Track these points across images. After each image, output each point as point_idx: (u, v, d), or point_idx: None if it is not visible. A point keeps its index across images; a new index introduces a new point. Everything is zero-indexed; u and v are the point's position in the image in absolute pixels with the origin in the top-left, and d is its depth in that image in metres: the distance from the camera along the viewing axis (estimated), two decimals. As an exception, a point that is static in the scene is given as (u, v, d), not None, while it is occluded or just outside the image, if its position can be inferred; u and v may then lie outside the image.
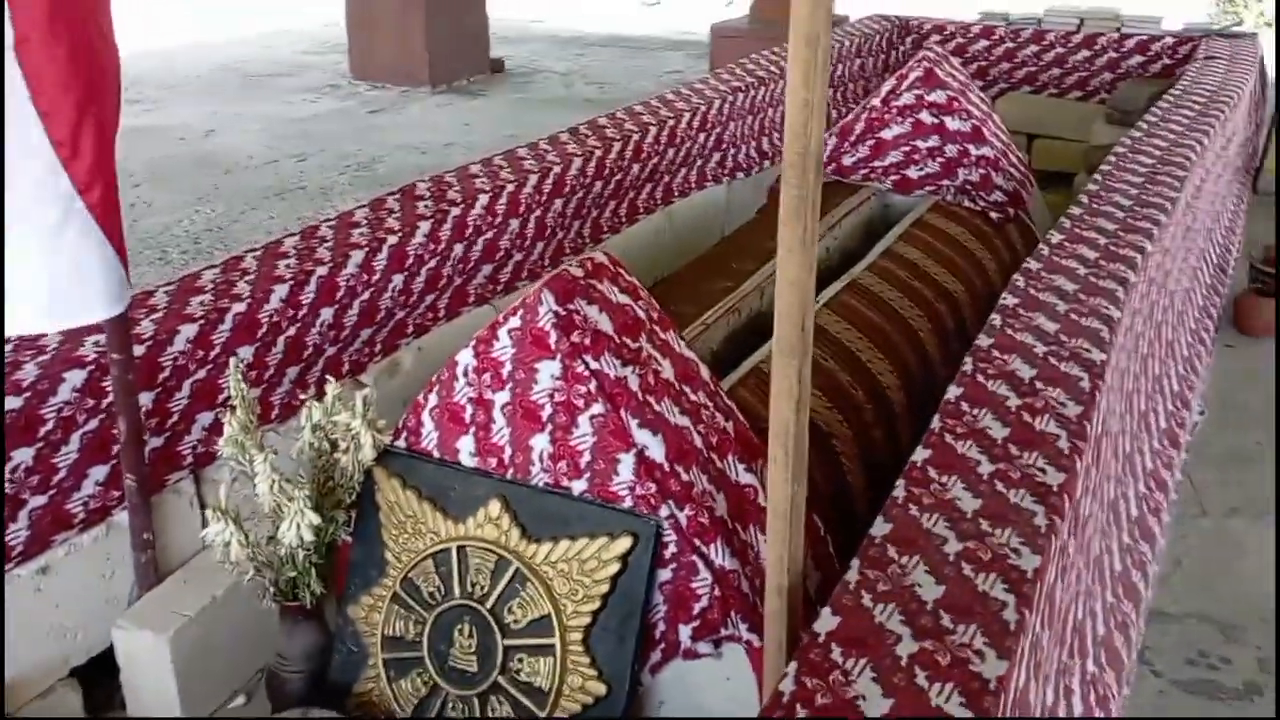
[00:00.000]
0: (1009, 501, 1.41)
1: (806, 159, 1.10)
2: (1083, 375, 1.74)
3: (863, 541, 1.32)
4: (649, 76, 7.32)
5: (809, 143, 1.09)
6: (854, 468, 2.04)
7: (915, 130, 3.32)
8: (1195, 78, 3.94)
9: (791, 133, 1.09)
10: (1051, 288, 2.10)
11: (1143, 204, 2.56)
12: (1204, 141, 3.12)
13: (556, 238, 2.93)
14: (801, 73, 1.07)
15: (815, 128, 1.09)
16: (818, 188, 1.15)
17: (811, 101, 1.08)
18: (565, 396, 1.58)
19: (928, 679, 1.09)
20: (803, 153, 1.10)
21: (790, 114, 1.09)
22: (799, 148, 1.09)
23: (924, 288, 2.69)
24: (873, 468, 2.10)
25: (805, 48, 1.06)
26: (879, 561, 1.28)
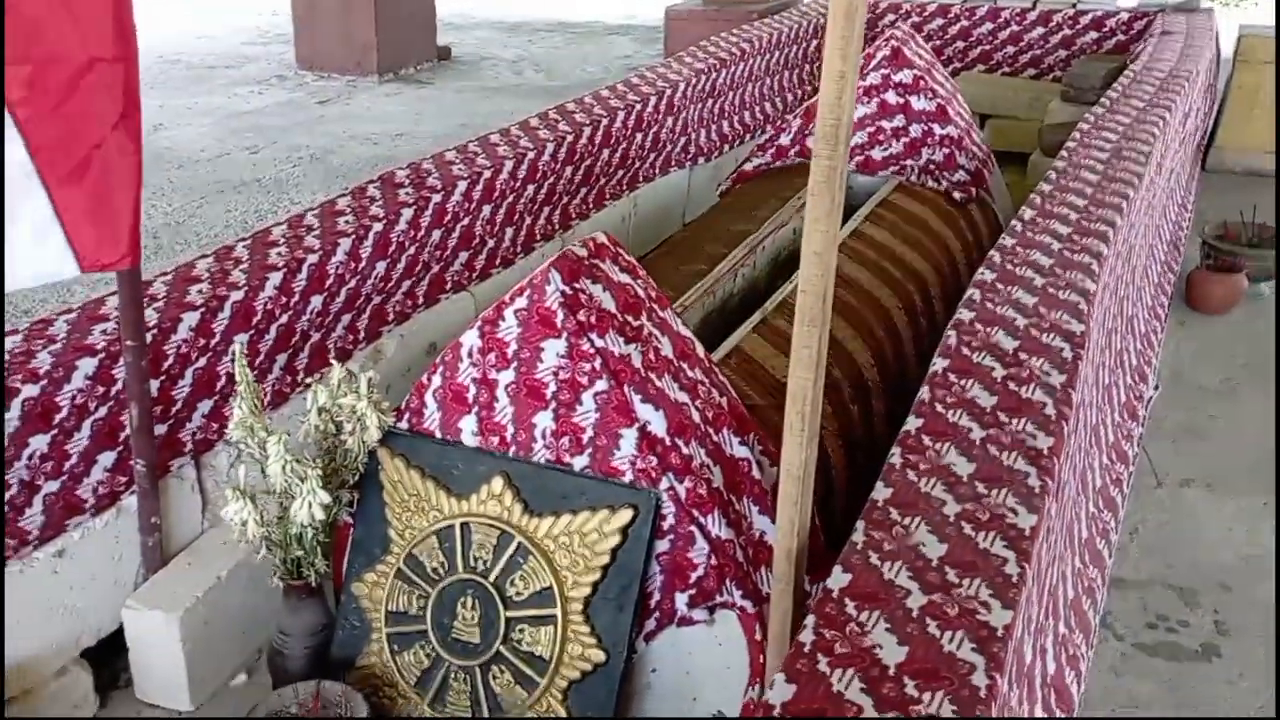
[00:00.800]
0: (1003, 464, 1.53)
1: (839, 130, 1.18)
2: (1064, 346, 1.88)
3: (865, 505, 1.44)
4: (597, 62, 7.39)
5: (842, 114, 1.17)
6: (834, 443, 2.16)
7: (881, 110, 3.44)
8: (1153, 53, 4.12)
9: (825, 104, 1.17)
10: (1027, 262, 2.23)
11: (1110, 179, 2.72)
12: (1166, 118, 3.30)
13: (526, 224, 3.01)
14: (839, 46, 1.14)
15: (848, 99, 1.17)
16: (846, 160, 1.24)
17: (846, 74, 1.15)
18: (570, 374, 1.67)
19: (938, 628, 1.21)
20: (836, 124, 1.18)
21: (825, 85, 1.16)
22: (833, 118, 1.17)
23: (892, 267, 2.82)
24: (851, 443, 2.22)
25: (844, 20, 1.13)
26: (882, 524, 1.40)
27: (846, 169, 1.22)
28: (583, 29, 8.64)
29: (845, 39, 1.14)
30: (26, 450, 1.77)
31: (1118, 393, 2.66)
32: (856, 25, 1.13)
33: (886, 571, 1.30)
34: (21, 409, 1.75)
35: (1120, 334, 2.77)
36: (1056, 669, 1.82)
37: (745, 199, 3.34)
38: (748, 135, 4.23)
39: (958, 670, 1.14)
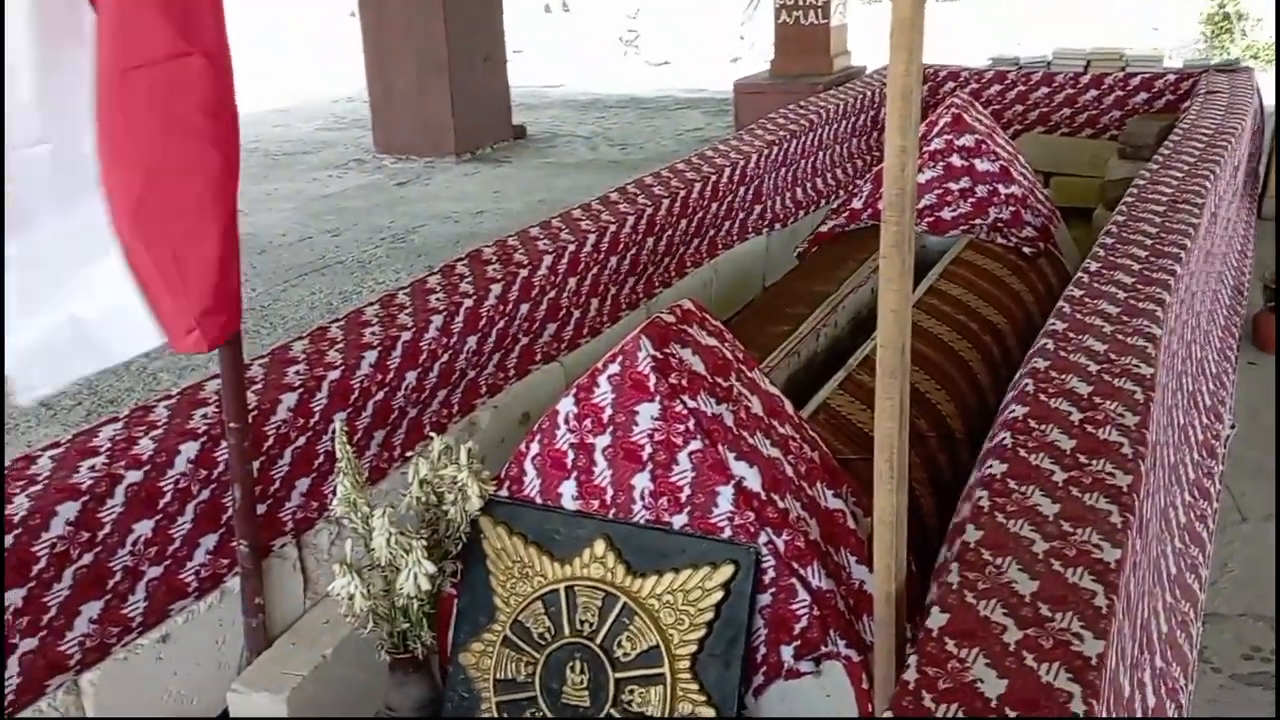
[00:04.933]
0: (1084, 504, 1.53)
1: (904, 198, 1.24)
2: (1136, 389, 1.87)
3: (956, 547, 1.45)
4: (669, 135, 7.52)
5: (905, 184, 1.24)
6: (924, 492, 2.16)
7: (947, 173, 3.47)
8: (1200, 111, 4.10)
9: (890, 176, 1.23)
10: (1096, 311, 2.23)
11: (1167, 230, 2.70)
12: (1215, 170, 3.27)
13: (611, 294, 3.07)
14: (899, 124, 1.21)
15: (910, 170, 1.23)
16: (913, 224, 1.29)
17: (907, 148, 1.23)
18: (665, 435, 1.70)
19: (1035, 660, 1.21)
20: (900, 192, 1.24)
21: (889, 159, 1.23)
22: (897, 188, 1.23)
23: (969, 321, 2.82)
24: (940, 491, 2.22)
25: (901, 101, 1.21)
26: (975, 564, 1.40)
27: (913, 232, 1.26)
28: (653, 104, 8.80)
29: (904, 117, 1.20)
30: (130, 536, 1.78)
31: (1194, 432, 2.62)
32: (913, 105, 1.19)
33: (982, 609, 1.30)
34: (125, 495, 1.76)
35: (1191, 376, 2.73)
36: (1157, 702, 1.78)
37: (823, 261, 3.38)
38: (821, 201, 4.28)
39: (1056, 698, 1.14)
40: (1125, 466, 1.62)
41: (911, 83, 1.20)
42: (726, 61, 10.40)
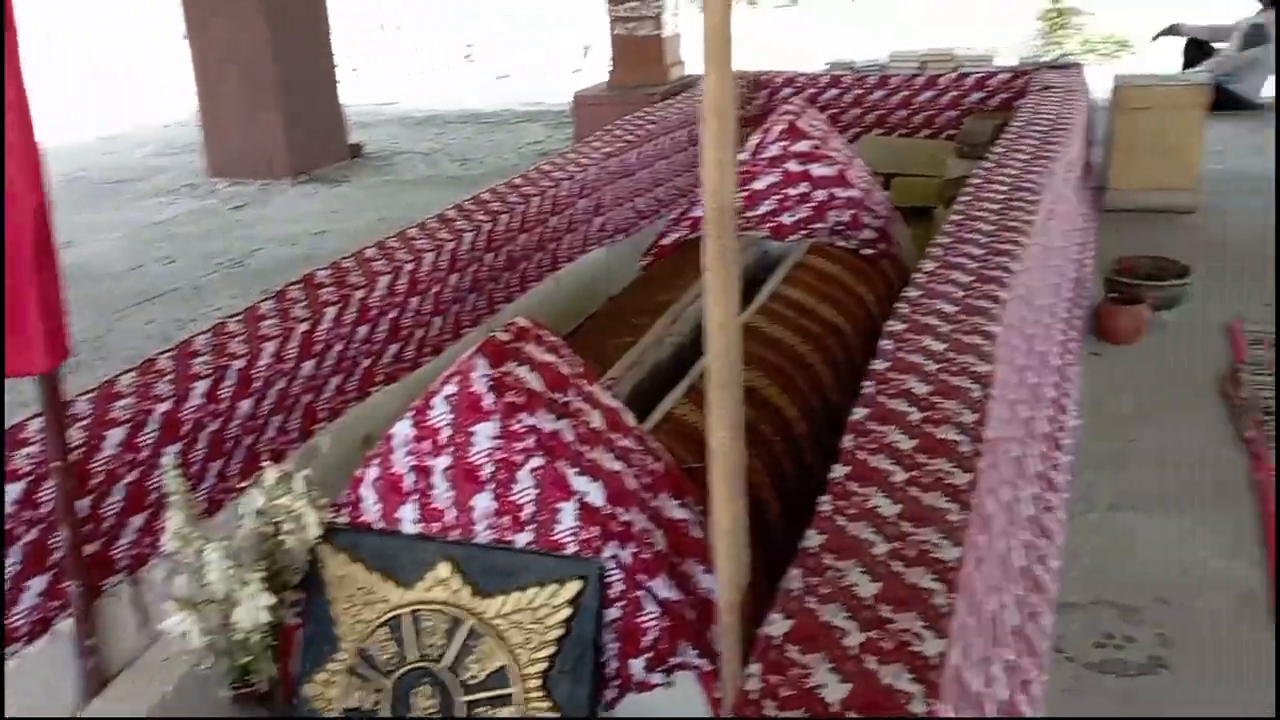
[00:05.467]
0: (924, 504, 1.58)
1: (723, 212, 1.27)
2: (974, 387, 1.95)
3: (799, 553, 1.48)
4: (510, 149, 7.52)
5: (724, 198, 1.27)
6: (771, 496, 2.20)
7: (785, 179, 3.57)
8: (1033, 109, 4.32)
9: (709, 191, 1.26)
10: (933, 311, 2.32)
11: (1003, 228, 2.83)
12: (1049, 167, 3.45)
13: (454, 312, 3.05)
14: (713, 139, 1.25)
15: (728, 184, 1.26)
16: (734, 236, 1.32)
17: (723, 162, 1.26)
18: (504, 454, 1.70)
19: (877, 662, 1.24)
20: (719, 207, 1.27)
21: (706, 174, 1.26)
22: (716, 203, 1.27)
23: (812, 324, 2.90)
24: (786, 495, 2.27)
25: (715, 118, 1.24)
26: (817, 569, 1.43)
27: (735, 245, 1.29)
28: (492, 118, 8.79)
29: (718, 132, 1.23)
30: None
31: (1039, 426, 2.75)
32: (728, 118, 1.22)
33: (824, 614, 1.33)
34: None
35: (1034, 370, 2.87)
36: (1009, 695, 1.86)
37: (666, 271, 3.42)
38: (663, 210, 4.33)
39: (897, 700, 1.18)
40: (964, 464, 1.69)
41: (725, 97, 1.23)
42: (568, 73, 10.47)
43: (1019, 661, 1.94)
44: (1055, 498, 2.54)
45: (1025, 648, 2.00)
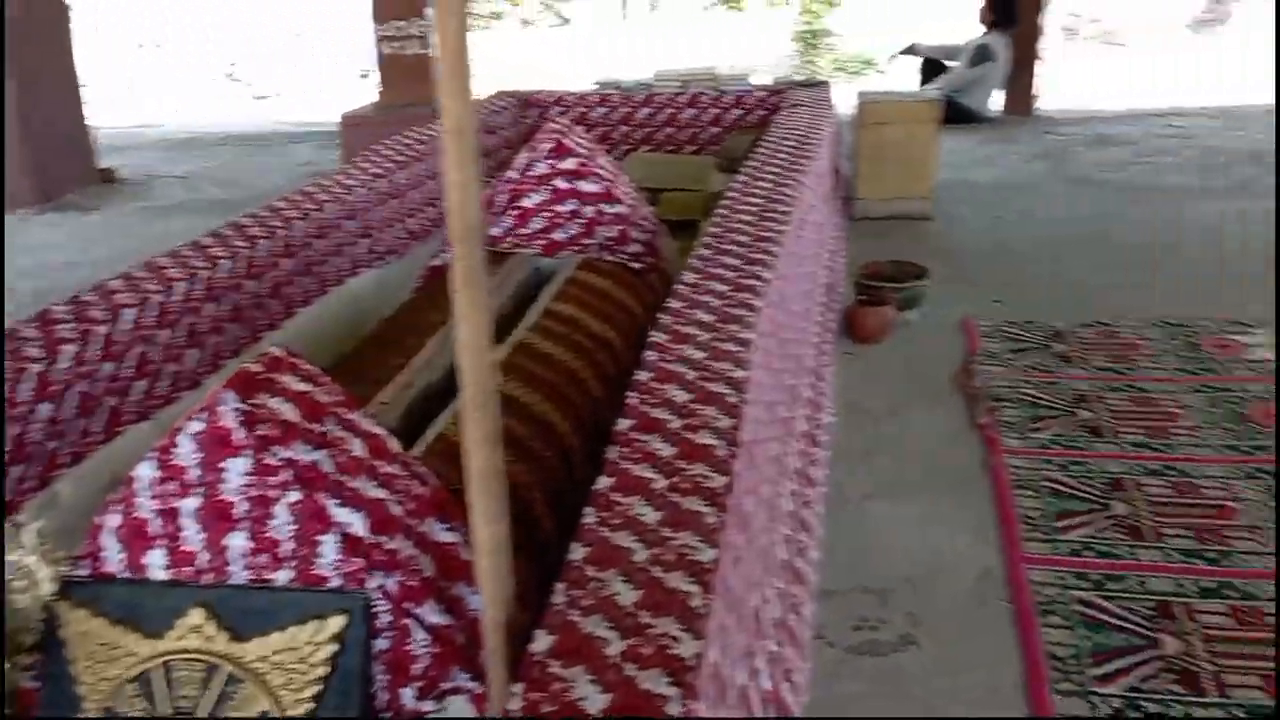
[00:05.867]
0: (683, 508, 1.61)
1: (469, 233, 1.25)
2: (730, 392, 2.00)
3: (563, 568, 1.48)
4: (278, 171, 7.24)
5: (469, 219, 1.25)
6: (545, 512, 2.19)
7: (554, 197, 3.57)
8: (785, 125, 4.51)
9: (453, 212, 1.24)
10: (694, 321, 2.37)
11: (758, 239, 2.93)
12: (799, 179, 3.60)
13: (211, 343, 2.89)
14: (454, 160, 1.23)
15: (472, 205, 1.24)
16: (482, 258, 1.30)
17: (465, 183, 1.24)
18: (259, 490, 1.62)
19: (636, 669, 1.25)
20: (464, 228, 1.25)
21: (450, 196, 1.24)
22: (460, 224, 1.24)
23: (583, 338, 2.91)
24: (561, 510, 2.26)
25: (454, 139, 1.22)
26: (580, 581, 1.43)
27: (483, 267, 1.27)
28: (258, 140, 8.43)
29: (459, 153, 1.21)
30: None
31: (798, 424, 2.86)
32: (468, 139, 1.21)
33: (586, 626, 1.33)
34: None
35: (792, 372, 2.98)
36: (773, 686, 1.91)
37: (439, 290, 3.36)
38: (436, 230, 4.27)
39: (654, 704, 1.19)
40: (720, 467, 1.73)
41: (464, 119, 1.22)
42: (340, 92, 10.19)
43: (782, 651, 2.01)
44: (814, 492, 2.64)
45: (788, 638, 2.07)
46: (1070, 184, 6.03)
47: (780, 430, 2.68)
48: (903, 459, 3.11)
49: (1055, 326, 3.95)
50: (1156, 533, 2.62)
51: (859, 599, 2.46)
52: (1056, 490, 2.84)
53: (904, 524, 2.76)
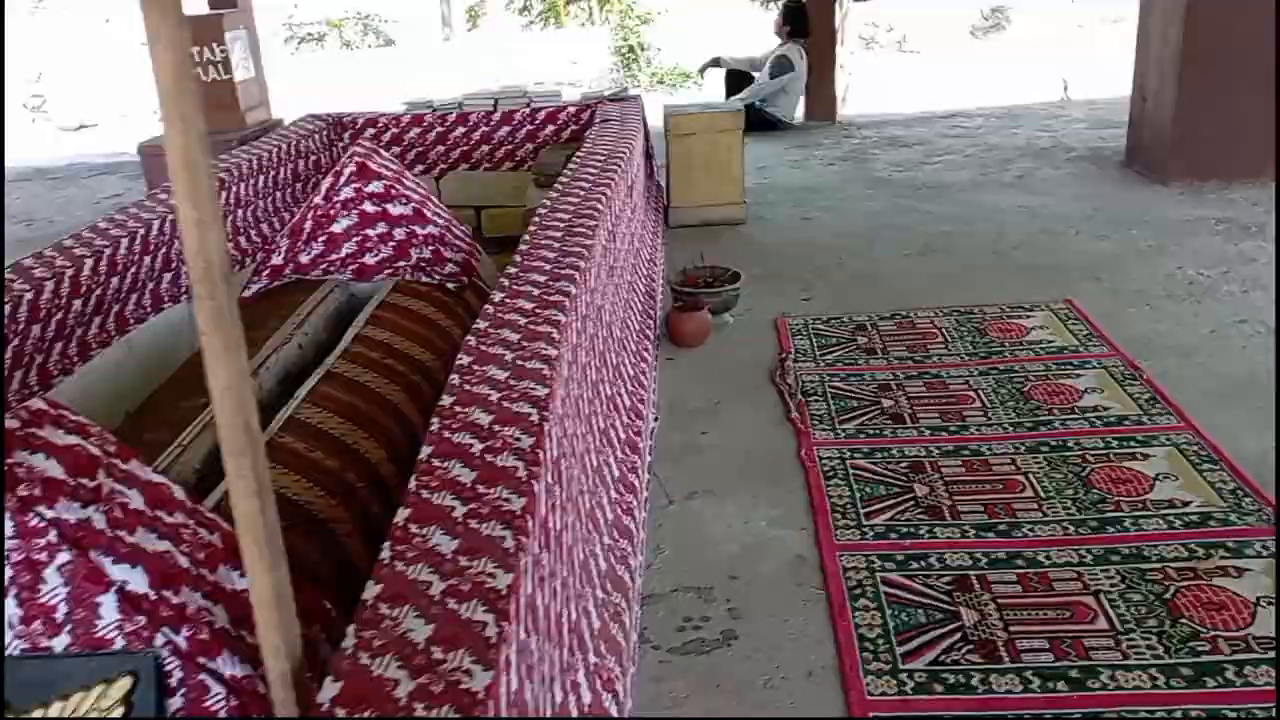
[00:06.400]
0: (482, 534, 1.55)
1: (212, 272, 1.15)
2: (532, 411, 1.95)
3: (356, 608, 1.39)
4: (84, 205, 6.81)
5: (210, 256, 1.15)
6: (357, 546, 2.09)
7: (363, 220, 3.46)
8: (595, 138, 4.49)
9: (190, 251, 1.14)
10: (499, 340, 2.31)
11: (565, 254, 2.89)
12: (608, 193, 3.58)
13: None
14: (188, 196, 1.13)
15: (213, 241, 1.15)
16: (232, 297, 1.21)
17: (204, 220, 1.14)
18: (24, 554, 1.47)
19: (425, 708, 1.18)
20: (207, 267, 1.15)
21: (185, 234, 1.14)
22: (202, 263, 1.15)
23: (397, 363, 2.81)
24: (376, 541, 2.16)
25: (185, 173, 1.12)
26: (372, 621, 1.35)
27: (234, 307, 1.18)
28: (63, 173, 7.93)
29: (192, 187, 1.12)
30: None
31: (617, 433, 2.83)
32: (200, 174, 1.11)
33: (376, 668, 1.26)
34: None
35: (609, 382, 2.95)
36: (593, 698, 1.87)
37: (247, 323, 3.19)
38: (247, 259, 4.07)
39: (442, 746, 1.12)
40: (520, 489, 1.67)
41: (195, 155, 1.12)
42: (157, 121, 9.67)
43: (603, 662, 1.97)
44: (635, 499, 2.62)
45: (610, 647, 2.03)
46: (869, 184, 6.22)
47: (599, 440, 2.65)
48: (723, 456, 3.12)
49: (859, 320, 4.05)
50: (953, 511, 2.70)
51: (682, 599, 2.44)
52: (863, 477, 2.90)
53: (725, 520, 2.77)
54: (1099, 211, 5.37)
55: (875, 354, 3.74)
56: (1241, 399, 3.25)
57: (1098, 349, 3.66)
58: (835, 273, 4.67)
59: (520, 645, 1.42)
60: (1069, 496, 2.74)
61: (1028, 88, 9.01)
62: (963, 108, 8.49)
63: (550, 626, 1.66)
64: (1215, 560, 2.44)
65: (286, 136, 4.87)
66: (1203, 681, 2.07)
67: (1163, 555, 2.48)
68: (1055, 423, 3.15)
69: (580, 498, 2.23)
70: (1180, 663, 2.12)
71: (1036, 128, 7.49)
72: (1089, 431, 3.08)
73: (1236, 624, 2.23)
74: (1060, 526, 2.62)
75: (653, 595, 2.44)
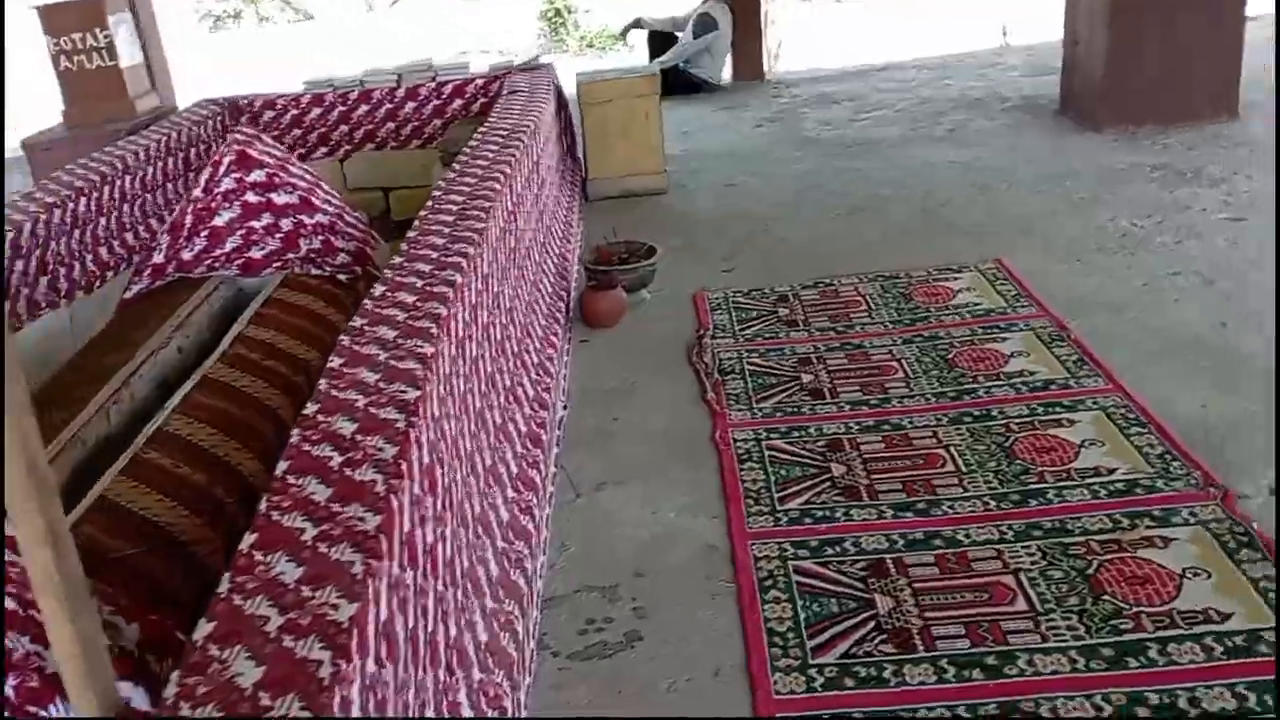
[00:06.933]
0: (330, 560, 1.48)
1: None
2: (399, 417, 1.87)
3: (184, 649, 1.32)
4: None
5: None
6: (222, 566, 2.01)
7: (246, 212, 3.35)
8: (500, 112, 4.38)
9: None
10: (374, 339, 2.22)
11: (455, 240, 2.80)
12: (508, 170, 3.49)
13: None
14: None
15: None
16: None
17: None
18: None
19: (243, 765, 1.12)
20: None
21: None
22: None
23: (279, 365, 2.73)
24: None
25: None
26: (200, 666, 1.28)
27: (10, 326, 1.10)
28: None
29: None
30: None
31: (517, 426, 2.76)
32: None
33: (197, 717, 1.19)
34: None
35: (509, 372, 2.88)
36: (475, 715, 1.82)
37: (121, 329, 3.09)
38: (134, 257, 3.93)
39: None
40: (376, 506, 1.60)
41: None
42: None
43: (490, 678, 1.91)
44: (536, 496, 2.56)
45: (499, 660, 1.98)
46: (798, 145, 6.18)
47: (496, 437, 2.58)
48: (636, 442, 3.07)
49: (780, 291, 4.01)
50: (871, 491, 2.68)
51: (586, 600, 2.39)
52: (779, 459, 2.86)
53: (635, 511, 2.72)
54: (1031, 164, 5.37)
55: (796, 326, 3.70)
56: (1173, 356, 3.25)
57: (1026, 310, 3.65)
58: (759, 241, 4.63)
59: (370, 678, 1.36)
60: (991, 469, 2.73)
61: (968, 36, 8.98)
62: (897, 60, 8.46)
63: (416, 650, 1.60)
64: (1140, 531, 2.43)
65: (177, 124, 4.72)
66: (1124, 662, 2.05)
67: (1086, 528, 2.46)
68: (980, 391, 3.13)
69: (467, 502, 2.17)
70: (1101, 643, 2.11)
71: (972, 78, 7.48)
72: (1014, 399, 3.07)
73: (1161, 598, 2.22)
74: (981, 502, 2.60)
75: (555, 597, 2.39)
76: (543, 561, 2.46)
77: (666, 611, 2.32)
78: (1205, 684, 1.98)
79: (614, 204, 5.27)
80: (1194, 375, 3.11)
